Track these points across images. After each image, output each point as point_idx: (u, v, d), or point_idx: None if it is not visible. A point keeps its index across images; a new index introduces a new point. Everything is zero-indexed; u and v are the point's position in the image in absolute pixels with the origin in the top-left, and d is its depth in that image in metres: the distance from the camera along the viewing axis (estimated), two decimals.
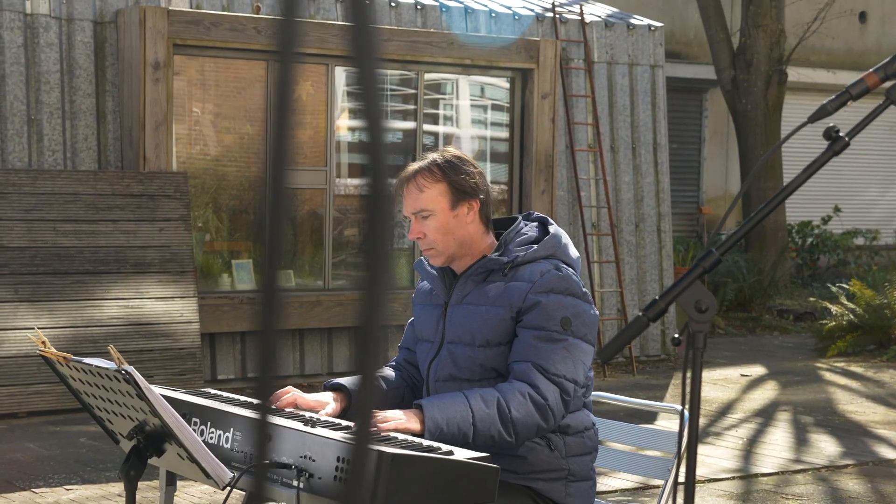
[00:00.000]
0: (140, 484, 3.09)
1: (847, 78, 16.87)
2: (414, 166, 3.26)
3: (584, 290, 3.24)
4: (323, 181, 9.25)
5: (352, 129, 9.68)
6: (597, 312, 3.28)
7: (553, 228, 3.32)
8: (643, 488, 6.01)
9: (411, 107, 9.76)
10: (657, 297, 1.81)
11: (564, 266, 3.24)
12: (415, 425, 3.00)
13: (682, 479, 6.28)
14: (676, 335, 1.77)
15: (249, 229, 9.17)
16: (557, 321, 3.15)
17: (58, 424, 7.36)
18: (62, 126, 8.31)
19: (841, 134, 1.81)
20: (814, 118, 1.82)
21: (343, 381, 3.29)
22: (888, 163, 18.98)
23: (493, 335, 3.21)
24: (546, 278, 3.18)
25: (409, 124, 9.77)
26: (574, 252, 3.32)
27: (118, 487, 5.90)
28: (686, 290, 1.75)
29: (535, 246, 3.25)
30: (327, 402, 3.20)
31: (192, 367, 8.03)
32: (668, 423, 7.17)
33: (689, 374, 1.82)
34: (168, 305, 8.09)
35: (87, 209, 7.94)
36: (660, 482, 3.58)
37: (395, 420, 2.99)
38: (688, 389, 1.84)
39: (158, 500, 3.34)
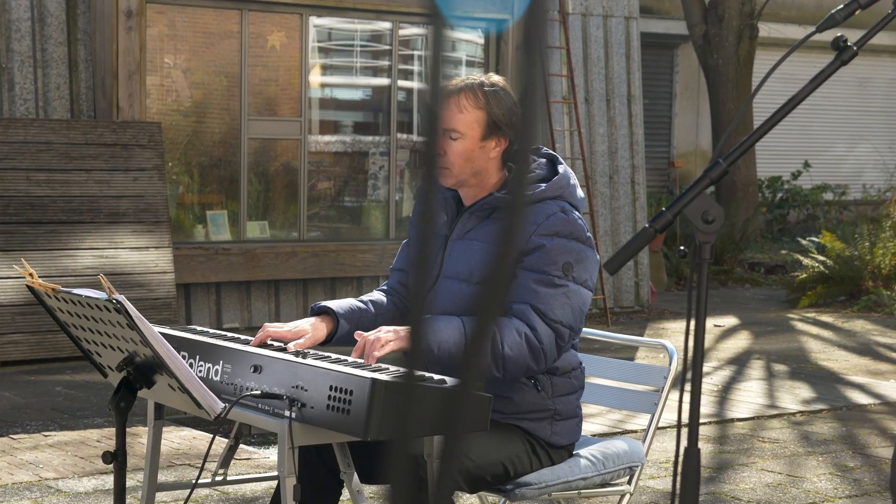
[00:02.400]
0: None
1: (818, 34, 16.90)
2: (459, 82, 3.20)
3: (587, 234, 3.21)
4: (297, 132, 9.20)
5: (323, 86, 9.63)
6: (598, 257, 3.26)
7: (562, 168, 3.27)
8: (630, 428, 6.05)
9: (383, 62, 9.70)
10: (664, 209, 1.81)
11: (570, 208, 3.20)
12: (406, 343, 2.98)
13: (668, 414, 6.29)
14: (683, 248, 1.77)
15: (222, 182, 9.11)
16: (559, 266, 3.12)
17: (33, 374, 7.33)
18: (34, 74, 8.21)
19: (849, 43, 1.81)
20: (822, 27, 1.82)
21: (331, 304, 3.26)
22: (857, 118, 19.07)
23: None
24: (551, 221, 3.14)
25: (382, 80, 9.72)
26: (580, 193, 3.29)
27: (97, 433, 5.89)
28: (693, 201, 1.75)
29: (543, 185, 3.21)
30: (305, 331, 3.16)
31: (167, 317, 8.00)
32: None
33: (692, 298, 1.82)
34: (143, 255, 8.05)
35: (60, 158, 7.87)
36: (646, 416, 3.61)
37: (389, 343, 2.97)
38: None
39: (146, 435, 3.33)
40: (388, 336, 2.96)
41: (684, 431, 2.06)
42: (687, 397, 1.95)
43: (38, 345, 7.62)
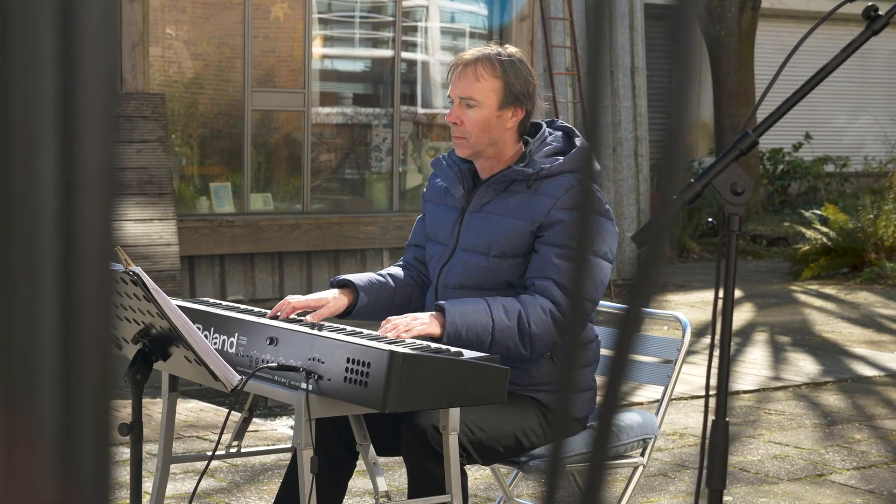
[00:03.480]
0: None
1: (820, 5, 16.86)
2: (476, 52, 3.19)
3: (606, 206, 3.21)
4: (301, 104, 9.17)
5: (326, 57, 9.59)
6: (617, 230, 3.25)
7: (579, 141, 3.27)
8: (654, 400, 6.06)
9: (386, 34, 9.67)
10: (693, 179, 1.80)
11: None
12: (434, 329, 2.99)
13: (682, 385, 6.26)
14: (711, 220, 1.76)
15: (224, 154, 9.09)
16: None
17: None
18: None
19: (880, 12, 1.80)
20: None
21: (351, 277, 3.26)
22: (858, 90, 19.03)
23: (511, 247, 3.18)
24: (570, 194, 3.14)
25: (385, 52, 9.69)
26: (597, 165, 3.28)
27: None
28: (722, 173, 1.74)
29: (561, 158, 3.20)
30: (326, 300, 3.17)
31: (171, 289, 8.00)
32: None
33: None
34: (147, 227, 8.04)
35: None
36: (651, 388, 3.63)
37: (417, 327, 2.97)
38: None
39: (156, 407, 3.33)
40: (416, 325, 2.97)
41: (707, 404, 2.06)
42: (710, 371, 1.95)
43: None
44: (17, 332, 0.50)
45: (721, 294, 1.77)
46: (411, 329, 2.97)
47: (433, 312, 3.03)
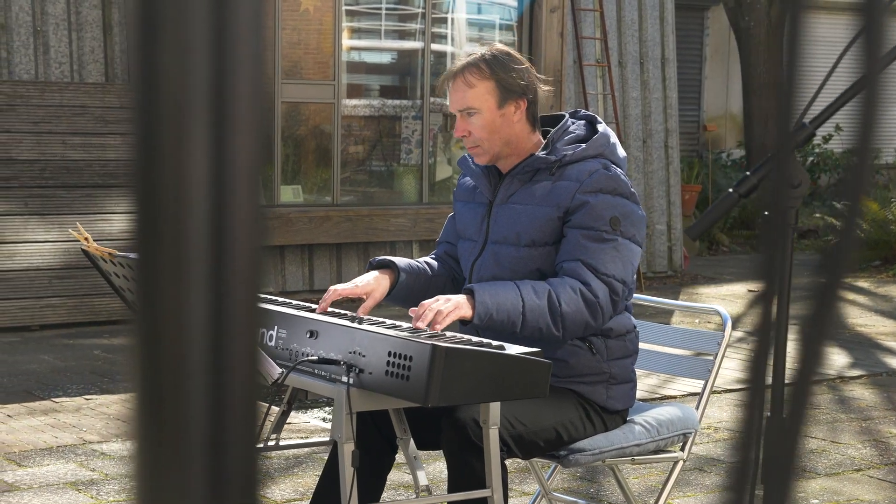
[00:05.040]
0: None
1: None
2: (462, 62, 3.20)
3: (632, 189, 3.20)
4: (331, 96, 9.16)
5: (355, 49, 9.58)
6: (644, 213, 3.23)
7: (601, 127, 3.26)
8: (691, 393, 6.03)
9: (414, 25, 9.64)
10: (748, 173, 1.78)
11: (613, 165, 3.19)
12: (466, 311, 2.97)
13: (721, 380, 6.23)
14: (767, 213, 1.73)
15: None
16: (606, 221, 3.10)
17: (70, 337, 7.36)
18: (68, 38, 8.20)
19: None
20: None
21: (394, 259, 3.25)
22: (889, 81, 18.86)
23: (540, 235, 3.17)
24: (594, 178, 3.13)
25: (414, 43, 9.67)
26: (622, 152, 3.27)
27: None
28: None
29: (584, 145, 3.20)
30: (373, 287, 3.17)
31: None
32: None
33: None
34: None
35: (95, 122, 7.87)
36: (684, 381, 3.59)
37: (451, 311, 2.95)
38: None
39: None
40: (448, 307, 2.94)
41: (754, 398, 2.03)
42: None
43: (76, 308, 7.65)
44: (166, 336, 0.49)
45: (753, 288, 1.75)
46: (445, 315, 2.93)
47: (463, 295, 3.01)
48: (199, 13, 0.44)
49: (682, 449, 3.41)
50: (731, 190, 1.81)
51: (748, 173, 1.81)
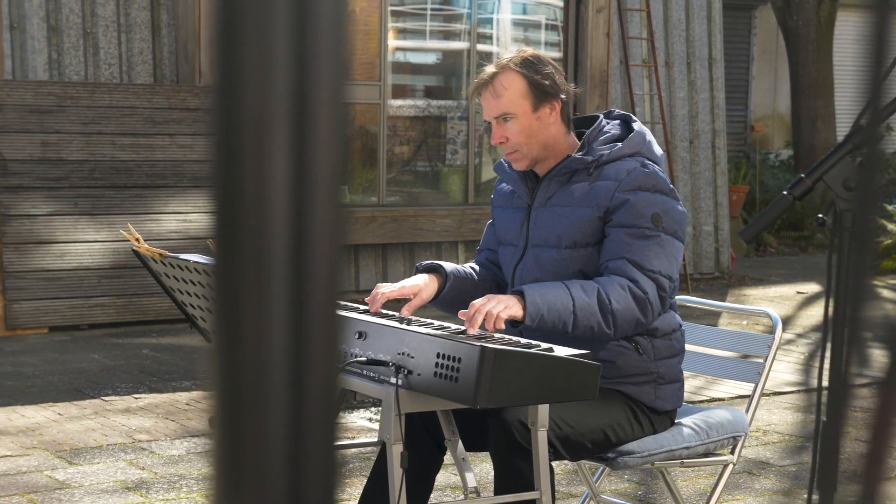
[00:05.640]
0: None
1: None
2: (491, 69, 3.19)
3: (671, 186, 3.18)
4: (377, 96, 9.18)
5: (400, 49, 9.59)
6: (685, 209, 3.22)
7: (637, 126, 3.25)
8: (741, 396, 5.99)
9: (460, 26, 9.64)
10: (803, 175, 1.76)
11: (650, 163, 3.18)
12: (517, 310, 2.95)
13: (770, 383, 6.17)
14: (821, 216, 1.72)
15: None
16: (648, 217, 3.09)
17: (119, 337, 7.42)
18: (118, 39, 8.27)
19: None
20: None
21: (441, 263, 3.25)
22: None
23: (581, 236, 3.16)
24: (633, 176, 3.12)
25: (459, 44, 9.67)
26: (658, 149, 3.26)
27: (185, 396, 5.95)
28: (834, 167, 1.70)
29: (620, 144, 3.19)
30: (419, 288, 3.16)
31: None
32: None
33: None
34: None
35: (144, 123, 7.93)
36: (729, 384, 3.57)
37: (503, 312, 2.93)
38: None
39: None
40: (499, 308, 2.92)
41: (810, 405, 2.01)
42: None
43: (125, 308, 7.71)
44: (246, 339, 0.49)
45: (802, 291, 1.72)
46: (496, 317, 2.91)
47: (513, 296, 2.99)
48: (280, 20, 0.44)
49: (732, 452, 3.39)
50: (784, 192, 1.79)
51: (802, 176, 1.79)
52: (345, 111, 0.48)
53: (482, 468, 4.57)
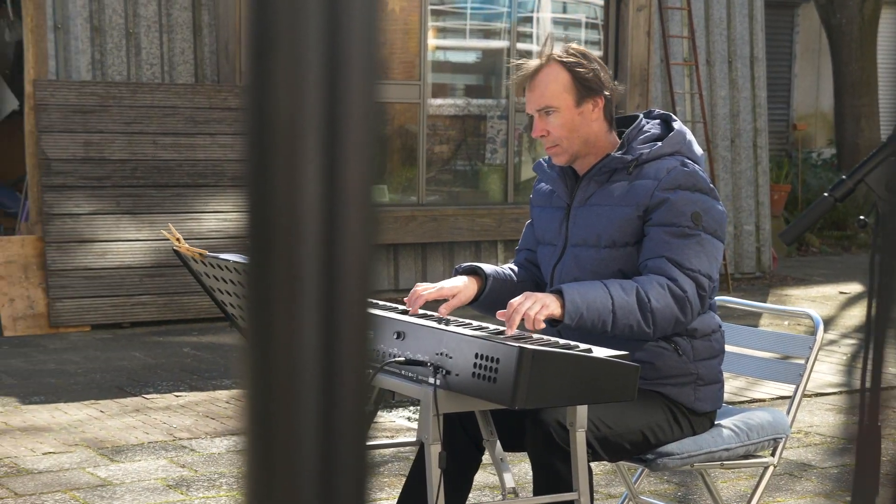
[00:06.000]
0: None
1: None
2: (537, 61, 3.18)
3: (710, 185, 3.17)
4: (416, 96, 9.19)
5: (440, 48, 9.60)
6: (724, 209, 3.20)
7: (677, 125, 3.23)
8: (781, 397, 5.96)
9: (499, 25, 9.63)
10: (844, 176, 1.75)
11: (690, 162, 3.16)
12: (555, 309, 2.93)
13: (811, 384, 6.14)
14: (862, 217, 1.71)
15: None
16: (688, 216, 3.07)
17: (161, 335, 7.47)
18: (159, 39, 8.33)
19: None
20: None
21: (480, 265, 3.24)
22: None
23: (620, 235, 3.14)
24: (673, 174, 3.10)
25: (499, 43, 9.66)
26: (698, 149, 3.24)
27: (225, 394, 5.98)
28: (876, 169, 1.68)
29: (660, 143, 3.17)
30: (458, 289, 3.15)
31: None
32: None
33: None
34: None
35: (185, 122, 7.98)
36: (770, 385, 3.54)
37: (541, 312, 2.91)
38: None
39: None
40: (536, 308, 2.91)
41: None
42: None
43: (166, 306, 7.77)
44: (278, 340, 0.49)
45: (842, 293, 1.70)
46: (534, 318, 2.89)
47: (552, 294, 2.98)
48: (313, 27, 0.44)
49: (773, 454, 3.37)
50: (825, 194, 1.78)
51: (844, 177, 1.78)
52: (378, 113, 0.48)
53: (521, 468, 4.57)
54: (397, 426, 5.43)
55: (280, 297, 0.49)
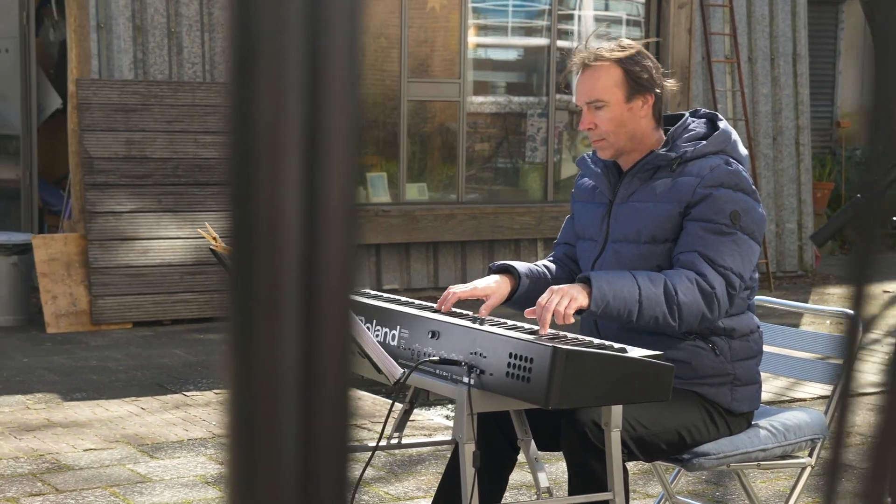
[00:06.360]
0: None
1: None
2: (590, 53, 3.17)
3: (753, 187, 3.15)
4: (456, 94, 9.20)
5: (480, 46, 9.60)
6: (764, 212, 3.18)
7: (722, 124, 3.22)
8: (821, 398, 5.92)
9: (540, 22, 9.62)
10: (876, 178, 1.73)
11: (734, 161, 3.15)
12: (582, 300, 2.93)
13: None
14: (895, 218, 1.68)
15: (380, 144, 9.18)
16: (727, 214, 3.06)
17: (201, 332, 7.53)
18: (201, 38, 8.38)
19: None
20: None
21: (514, 263, 3.24)
22: None
23: (660, 231, 3.13)
24: (716, 172, 3.09)
25: (539, 40, 9.64)
26: (743, 150, 3.23)
27: None
28: None
29: (705, 142, 3.16)
30: (493, 290, 3.16)
31: None
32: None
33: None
34: None
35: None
36: (814, 385, 3.52)
37: (570, 305, 2.91)
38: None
39: None
40: (564, 303, 2.90)
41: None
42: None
43: (206, 303, 7.82)
44: (259, 352, 0.50)
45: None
46: (563, 313, 2.89)
47: (579, 284, 2.98)
48: (293, 49, 0.45)
49: (811, 454, 3.34)
50: (858, 195, 1.76)
51: (876, 178, 1.76)
52: (357, 148, 0.48)
53: (557, 467, 4.56)
54: (436, 424, 5.44)
55: (260, 305, 0.50)
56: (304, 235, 0.48)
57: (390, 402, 3.21)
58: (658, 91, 3.16)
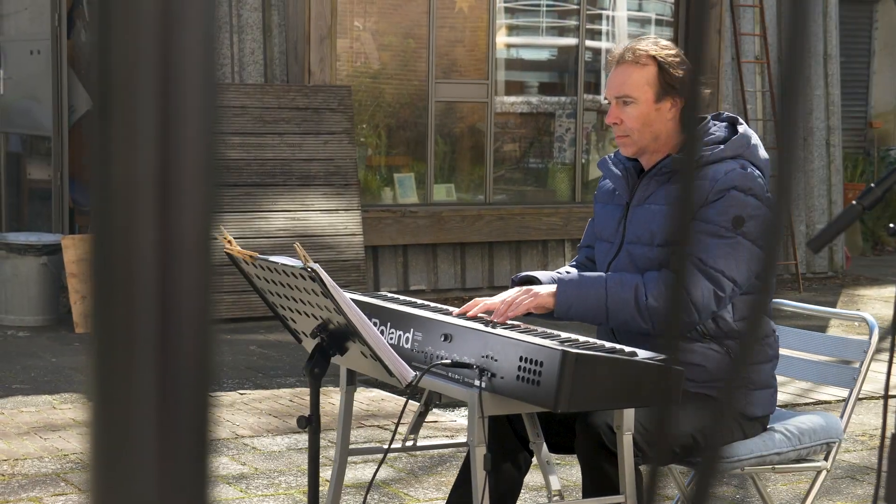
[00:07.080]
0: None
1: None
2: (623, 49, 3.17)
3: (768, 195, 3.13)
4: (484, 95, 9.20)
5: (509, 46, 9.60)
6: None
7: (742, 128, 3.20)
8: (837, 401, 5.89)
9: (570, 22, 9.61)
10: (872, 185, 1.73)
11: (751, 166, 3.14)
12: (545, 300, 3.07)
13: (872, 383, 6.11)
14: (893, 225, 1.69)
15: (409, 145, 9.20)
16: (729, 218, 3.05)
17: (229, 332, 7.57)
18: (230, 40, 8.43)
19: None
20: None
21: (536, 273, 3.26)
22: None
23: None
24: (730, 175, 3.08)
25: (569, 40, 9.63)
26: (763, 154, 3.20)
27: (288, 392, 6.05)
28: None
29: (723, 146, 3.15)
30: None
31: (355, 278, 8.15)
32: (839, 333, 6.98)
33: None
34: (332, 218, 8.20)
35: (254, 122, 8.07)
36: (843, 392, 3.47)
37: (521, 301, 3.01)
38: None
39: (338, 400, 3.40)
40: (528, 300, 3.02)
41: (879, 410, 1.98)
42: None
43: (234, 304, 7.87)
44: (116, 387, 0.52)
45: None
46: (522, 303, 3.03)
47: (550, 289, 3.09)
48: (146, 96, 0.47)
49: (826, 458, 3.34)
50: (854, 202, 1.76)
51: (872, 185, 1.76)
52: (214, 188, 0.50)
53: (571, 470, 4.57)
54: (458, 425, 5.45)
55: (118, 331, 0.52)
56: (157, 266, 0.50)
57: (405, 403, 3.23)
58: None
